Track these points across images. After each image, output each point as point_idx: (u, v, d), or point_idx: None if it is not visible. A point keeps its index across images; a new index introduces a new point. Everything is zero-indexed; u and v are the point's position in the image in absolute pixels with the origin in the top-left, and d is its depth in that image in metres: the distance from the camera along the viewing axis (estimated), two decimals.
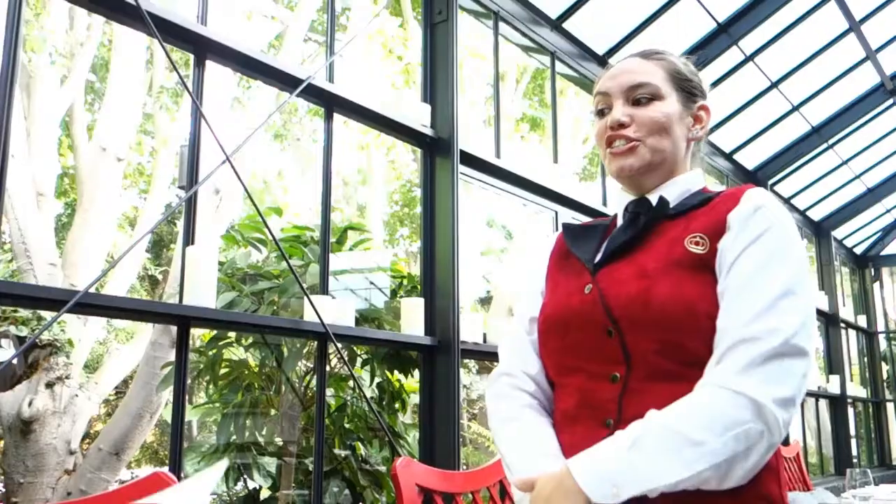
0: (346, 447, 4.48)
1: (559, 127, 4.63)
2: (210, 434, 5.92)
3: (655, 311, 1.19)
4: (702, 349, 1.18)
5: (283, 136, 9.20)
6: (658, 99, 1.34)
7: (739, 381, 1.11)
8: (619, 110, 1.35)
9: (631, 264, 1.28)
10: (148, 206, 6.65)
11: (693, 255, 1.23)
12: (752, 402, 1.09)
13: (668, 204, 1.32)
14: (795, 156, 6.93)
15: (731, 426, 1.09)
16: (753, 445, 1.09)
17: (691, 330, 1.19)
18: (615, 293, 1.25)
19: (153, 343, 5.40)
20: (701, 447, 1.08)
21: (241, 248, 4.39)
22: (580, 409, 1.26)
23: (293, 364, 4.23)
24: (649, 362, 1.20)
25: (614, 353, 1.23)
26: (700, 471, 1.08)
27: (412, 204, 10.01)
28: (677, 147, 1.36)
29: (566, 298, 1.33)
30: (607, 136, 1.36)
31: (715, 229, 1.24)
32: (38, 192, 5.36)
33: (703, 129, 1.40)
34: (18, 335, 3.24)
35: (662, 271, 1.23)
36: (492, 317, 7.77)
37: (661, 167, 1.35)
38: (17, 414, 4.91)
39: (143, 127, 7.72)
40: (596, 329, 1.26)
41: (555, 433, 1.31)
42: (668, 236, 1.28)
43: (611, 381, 1.23)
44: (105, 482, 5.41)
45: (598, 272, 1.31)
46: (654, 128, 1.33)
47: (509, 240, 9.43)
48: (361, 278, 4.59)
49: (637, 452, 1.10)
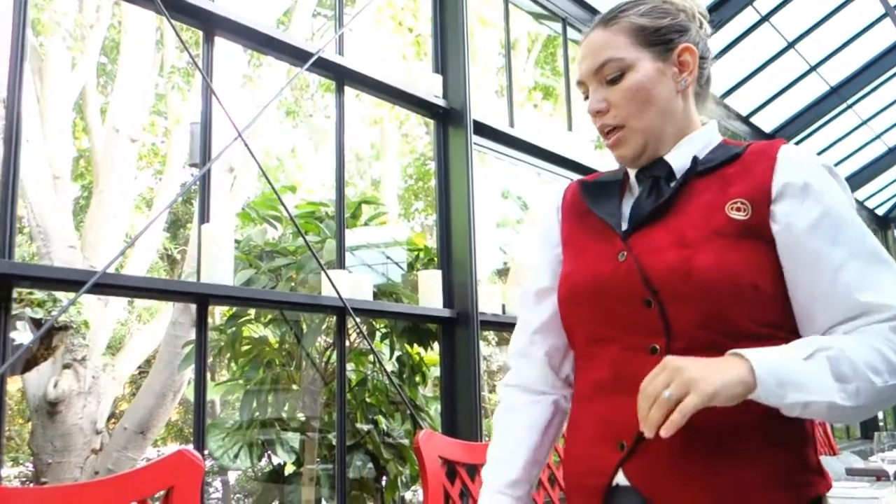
0: (368, 421, 4.51)
1: (572, 94, 4.58)
2: (233, 411, 5.98)
3: (698, 282, 1.15)
4: (744, 320, 1.15)
5: (294, 112, 9.18)
6: (628, 70, 1.25)
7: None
8: (594, 97, 1.29)
9: (666, 230, 1.22)
10: (163, 186, 6.68)
11: (735, 222, 1.18)
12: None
13: (698, 161, 1.26)
14: (814, 117, 6.84)
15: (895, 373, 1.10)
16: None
17: (735, 301, 1.15)
18: (653, 262, 1.20)
19: (173, 322, 5.44)
20: (869, 383, 1.08)
21: (257, 225, 4.40)
22: (616, 380, 1.22)
23: (312, 340, 4.25)
24: (690, 334, 1.16)
25: (653, 324, 1.19)
26: (861, 404, 1.09)
27: (426, 177, 9.99)
28: (668, 110, 1.27)
29: (596, 266, 1.27)
30: (597, 126, 1.31)
31: (758, 194, 1.19)
32: (55, 176, 5.39)
33: (692, 73, 1.29)
34: (34, 317, 3.27)
35: (703, 239, 1.18)
36: (509, 288, 7.77)
37: (663, 137, 1.28)
38: (42, 395, 4.97)
39: (156, 107, 7.72)
40: (632, 299, 1.21)
41: (581, 404, 1.30)
42: (703, 199, 1.22)
43: (650, 353, 1.19)
44: (132, 460, 5.49)
45: (630, 238, 1.25)
46: (633, 105, 1.25)
47: (525, 210, 9.39)
48: (377, 253, 4.59)
49: (813, 364, 1.07)
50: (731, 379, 1.04)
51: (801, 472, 1.16)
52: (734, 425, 1.12)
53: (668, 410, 1.03)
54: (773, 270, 1.18)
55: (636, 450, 1.17)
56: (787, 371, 1.06)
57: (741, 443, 1.13)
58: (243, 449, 4.68)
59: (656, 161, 1.29)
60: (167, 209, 4.83)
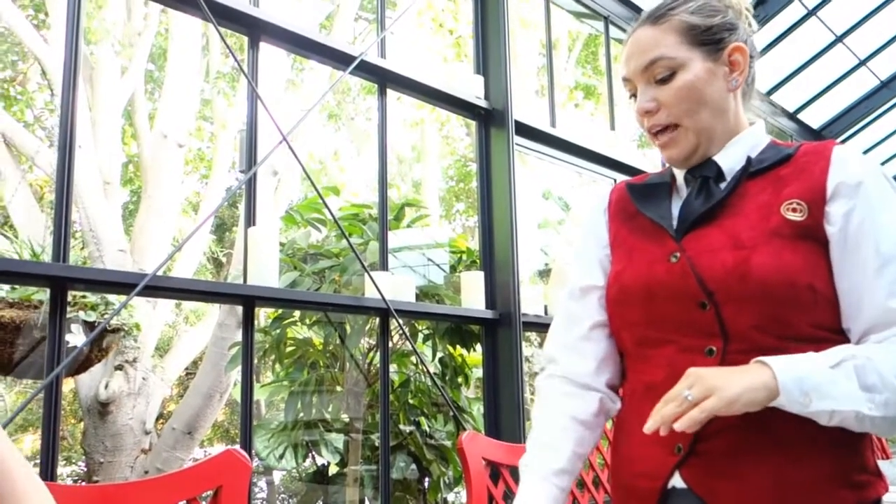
0: (411, 422, 4.53)
1: (615, 93, 4.55)
2: (278, 412, 6.05)
3: (755, 284, 1.13)
4: (801, 322, 1.14)
5: (337, 115, 9.26)
6: (679, 69, 1.23)
7: None
8: (643, 96, 1.27)
9: (720, 231, 1.21)
10: (209, 190, 6.78)
11: (792, 223, 1.16)
12: None
13: (751, 162, 1.25)
14: (864, 112, 6.70)
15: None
16: None
17: (792, 303, 1.13)
18: (708, 264, 1.18)
19: (220, 325, 5.53)
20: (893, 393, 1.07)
21: (301, 228, 4.45)
22: (671, 382, 1.17)
23: (356, 341, 4.28)
24: (748, 337, 1.15)
25: (709, 327, 1.17)
26: (887, 415, 1.07)
27: (467, 179, 9.99)
28: (720, 110, 1.25)
29: (648, 267, 1.25)
30: (646, 125, 1.29)
31: (813, 195, 1.18)
32: (105, 181, 5.51)
33: (743, 73, 1.27)
34: (87, 320, 3.35)
35: (760, 240, 1.16)
36: (551, 288, 7.74)
37: (714, 138, 1.26)
38: (94, 396, 5.09)
39: (202, 113, 7.85)
40: (687, 301, 1.19)
41: (633, 406, 1.27)
42: (758, 200, 1.21)
43: (706, 355, 1.17)
44: (180, 460, 5.58)
45: (683, 238, 1.23)
46: (685, 105, 1.23)
47: (566, 211, 9.34)
48: (419, 255, 4.61)
49: (840, 373, 1.06)
50: (753, 384, 1.04)
51: (860, 473, 1.15)
52: (792, 426, 1.11)
53: (684, 409, 1.05)
54: (829, 272, 1.17)
55: (694, 452, 1.17)
56: (812, 379, 1.05)
57: (800, 443, 1.12)
58: (288, 449, 4.74)
59: (705, 161, 1.28)
60: (214, 213, 4.91)
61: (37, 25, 6.67)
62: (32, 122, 7.48)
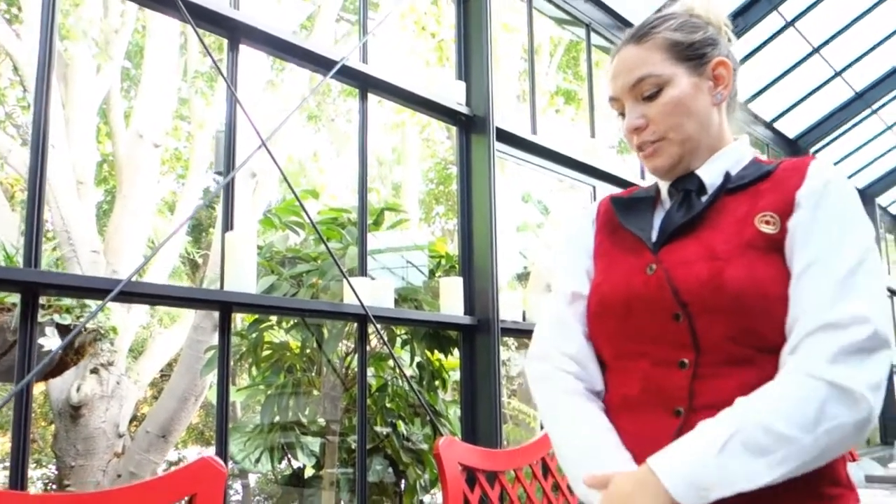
0: (388, 424, 4.52)
1: (595, 100, 4.57)
2: (254, 414, 6.01)
3: (728, 295, 1.14)
4: (774, 333, 1.14)
5: (316, 117, 9.22)
6: (665, 86, 1.26)
7: (832, 370, 1.07)
8: (631, 114, 1.29)
9: (696, 243, 1.22)
10: (186, 191, 6.72)
11: (765, 236, 1.17)
12: (846, 392, 1.06)
13: (730, 178, 1.26)
14: (838, 122, 6.78)
15: (824, 420, 1.05)
16: (846, 436, 1.07)
17: (765, 314, 1.14)
18: (683, 275, 1.19)
19: (195, 327, 5.48)
20: (793, 444, 1.05)
21: (279, 231, 4.42)
22: (645, 395, 1.21)
23: (334, 346, 4.26)
24: (720, 348, 1.15)
25: (682, 338, 1.18)
26: (792, 469, 1.06)
27: (447, 181, 9.99)
28: (705, 123, 1.28)
29: (626, 279, 1.26)
30: (634, 143, 1.30)
31: (784, 207, 1.18)
32: (79, 181, 5.44)
33: (727, 87, 1.30)
34: (62, 323, 3.30)
35: (734, 252, 1.17)
36: (530, 293, 7.75)
37: (698, 150, 1.28)
38: (66, 399, 5.02)
39: (179, 112, 7.78)
40: (662, 313, 1.20)
41: (611, 418, 1.26)
42: (735, 214, 1.22)
43: (679, 367, 1.18)
44: (154, 463, 5.53)
45: (661, 251, 1.24)
46: (672, 119, 1.25)
47: (545, 215, 9.37)
48: (398, 257, 4.59)
49: (728, 456, 1.06)
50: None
51: (831, 485, 1.15)
52: None
53: None
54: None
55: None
56: (702, 476, 1.06)
57: None
58: (264, 454, 4.71)
59: (688, 175, 1.30)
60: (189, 219, 4.87)
61: (9, 20, 6.57)
62: (4, 119, 7.37)
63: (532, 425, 6.91)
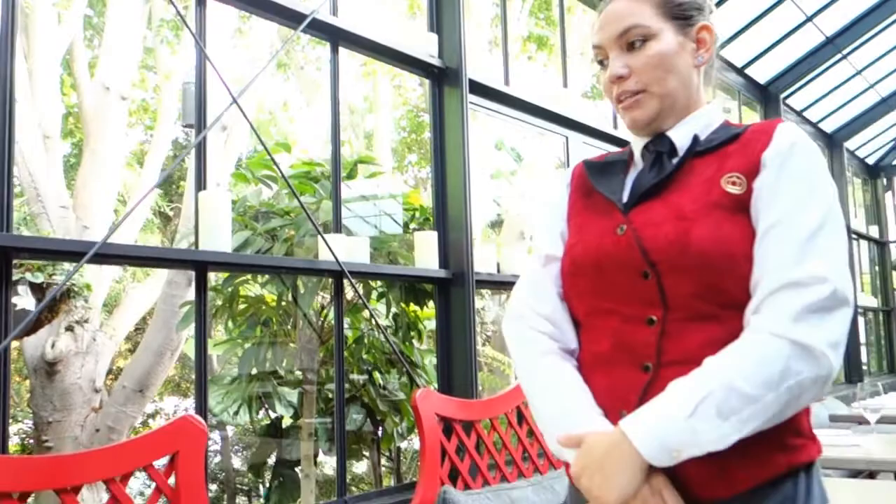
0: (364, 372, 4.58)
1: (568, 48, 4.54)
2: (231, 366, 6.04)
3: (695, 253, 1.18)
4: (739, 291, 1.18)
5: (286, 65, 9.06)
6: (651, 38, 1.29)
7: (795, 329, 1.11)
8: (615, 62, 1.31)
9: (665, 204, 1.26)
10: (155, 143, 6.62)
11: (731, 196, 1.21)
12: (808, 350, 1.11)
13: (699, 141, 1.29)
14: (809, 68, 6.79)
15: (788, 377, 1.10)
16: (805, 391, 1.12)
17: (730, 272, 1.18)
18: (651, 235, 1.23)
19: (169, 282, 5.45)
20: (759, 402, 1.10)
21: (252, 185, 4.39)
22: (616, 351, 1.26)
23: (310, 300, 4.27)
24: (687, 305, 1.19)
25: (650, 296, 1.22)
26: (756, 426, 1.11)
27: (420, 129, 9.92)
28: (686, 82, 1.31)
29: (597, 240, 1.30)
30: (614, 93, 1.33)
31: (751, 168, 1.22)
32: (45, 135, 5.33)
33: (709, 51, 1.34)
34: (34, 282, 3.28)
35: (700, 213, 1.21)
36: (503, 241, 7.79)
37: (674, 108, 1.31)
38: (40, 356, 5.00)
39: (145, 62, 7.61)
40: (631, 271, 1.24)
41: (584, 375, 1.30)
42: (703, 175, 1.26)
43: (647, 324, 1.22)
44: (131, 417, 5.55)
45: (630, 212, 1.28)
46: (656, 73, 1.29)
47: (519, 162, 9.36)
48: (372, 206, 4.59)
49: (698, 419, 1.10)
50: (625, 475, 1.12)
51: (794, 436, 1.20)
52: None
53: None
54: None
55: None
56: (673, 438, 1.11)
57: None
58: (243, 406, 4.75)
59: (660, 136, 1.33)
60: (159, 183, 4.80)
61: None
62: None
63: (507, 372, 7.02)
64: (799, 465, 1.20)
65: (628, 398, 1.21)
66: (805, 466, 1.21)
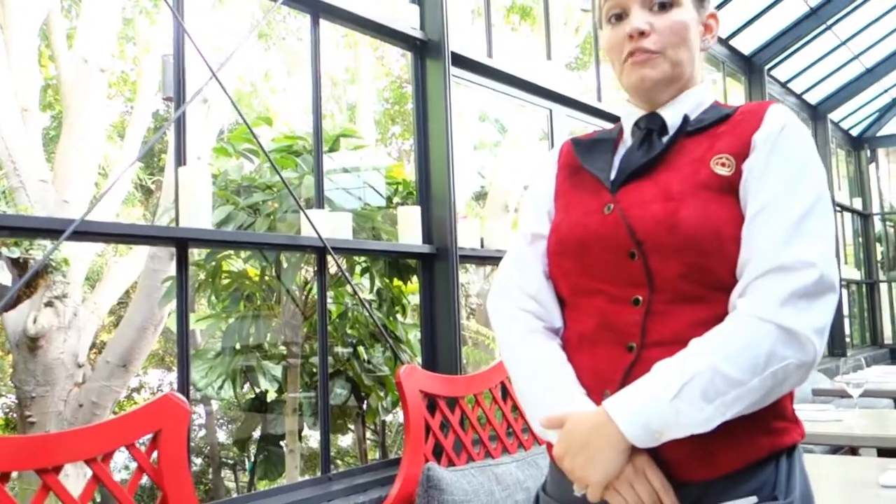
0: (349, 345, 4.58)
1: (551, 19, 4.50)
2: (215, 340, 6.03)
3: (682, 234, 1.17)
4: (726, 273, 1.18)
5: (267, 35, 8.95)
6: (676, 5, 1.29)
7: (781, 313, 1.11)
8: (640, 17, 1.28)
9: (653, 184, 1.25)
10: (135, 115, 6.53)
11: (720, 177, 1.21)
12: (794, 335, 1.10)
13: (688, 121, 1.29)
14: (793, 39, 6.77)
15: (773, 362, 1.10)
16: (790, 376, 1.12)
17: (717, 254, 1.17)
18: (639, 214, 1.22)
19: (152, 256, 5.41)
20: (743, 386, 1.10)
21: (234, 158, 4.35)
22: (600, 331, 1.25)
23: (293, 275, 4.25)
24: (673, 286, 1.19)
25: (636, 276, 1.22)
26: (740, 410, 1.11)
27: (403, 100, 9.85)
28: (693, 58, 1.32)
29: (584, 218, 1.30)
30: (627, 49, 1.30)
31: (740, 150, 1.22)
32: (23, 108, 5.25)
33: (713, 38, 1.36)
34: (11, 257, 3.25)
35: (689, 193, 1.21)
36: (487, 214, 7.77)
37: (678, 80, 1.31)
38: (22, 331, 4.97)
39: (124, 33, 7.49)
40: (617, 251, 1.23)
41: (568, 354, 1.30)
42: (692, 156, 1.25)
43: (633, 304, 1.22)
44: (115, 392, 5.54)
45: (618, 191, 1.28)
46: (675, 38, 1.28)
47: (503, 133, 9.32)
48: (355, 178, 4.55)
49: (682, 401, 1.10)
50: (609, 456, 1.13)
51: (777, 420, 1.20)
52: None
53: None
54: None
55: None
56: (656, 419, 1.11)
57: None
58: (227, 381, 4.74)
59: (651, 115, 1.32)
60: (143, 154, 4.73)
61: None
62: None
63: (491, 346, 7.04)
64: (781, 449, 1.20)
65: (612, 378, 1.21)
66: (787, 450, 1.21)
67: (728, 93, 6.68)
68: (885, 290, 9.66)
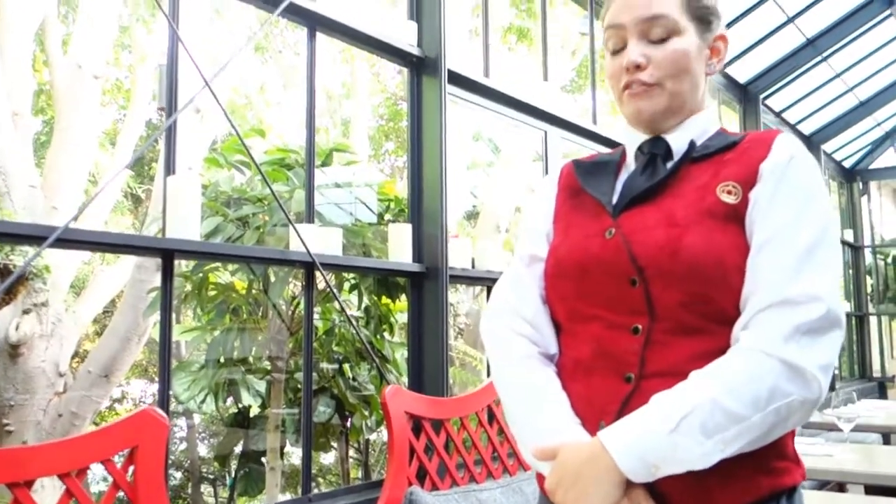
0: (334, 361, 4.53)
1: (549, 41, 4.50)
2: (199, 353, 5.96)
3: (685, 262, 1.14)
4: (728, 304, 1.14)
5: (263, 48, 8.94)
6: (676, 34, 1.25)
7: (786, 348, 1.07)
8: (635, 49, 1.25)
9: (657, 210, 1.21)
10: (128, 123, 6.49)
11: (725, 205, 1.17)
12: (799, 371, 1.07)
13: (695, 147, 1.25)
14: (788, 69, 6.80)
15: (776, 399, 1.06)
16: (794, 413, 1.08)
17: (720, 283, 1.14)
18: (641, 240, 1.19)
19: (138, 266, 5.36)
20: (745, 422, 1.06)
21: (225, 170, 4.31)
22: (597, 359, 1.21)
23: (280, 290, 4.21)
24: (674, 315, 1.15)
25: (637, 304, 1.18)
26: (740, 447, 1.07)
27: (397, 117, 9.85)
28: (696, 86, 1.28)
29: (584, 241, 1.26)
30: (624, 81, 1.27)
31: (747, 179, 1.18)
32: (14, 112, 5.20)
33: (721, 61, 1.31)
34: None
35: (693, 220, 1.17)
36: (479, 233, 7.75)
37: (679, 111, 1.27)
38: (4, 338, 4.89)
39: (120, 40, 7.46)
40: (618, 277, 1.20)
41: (563, 381, 1.26)
42: (697, 182, 1.22)
43: (632, 333, 1.18)
44: (96, 402, 5.46)
45: (620, 215, 1.24)
46: (673, 70, 1.24)
47: (496, 153, 9.32)
48: (347, 193, 4.52)
49: (680, 435, 1.06)
50: (602, 492, 1.08)
51: (778, 459, 1.17)
52: None
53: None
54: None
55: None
56: (653, 453, 1.07)
57: None
58: (209, 396, 4.68)
59: (656, 139, 1.29)
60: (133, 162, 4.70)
61: None
62: None
63: (478, 368, 7.00)
64: (782, 490, 1.16)
65: (608, 408, 1.17)
66: (788, 491, 1.17)
67: (722, 121, 6.70)
68: (874, 323, 9.65)
